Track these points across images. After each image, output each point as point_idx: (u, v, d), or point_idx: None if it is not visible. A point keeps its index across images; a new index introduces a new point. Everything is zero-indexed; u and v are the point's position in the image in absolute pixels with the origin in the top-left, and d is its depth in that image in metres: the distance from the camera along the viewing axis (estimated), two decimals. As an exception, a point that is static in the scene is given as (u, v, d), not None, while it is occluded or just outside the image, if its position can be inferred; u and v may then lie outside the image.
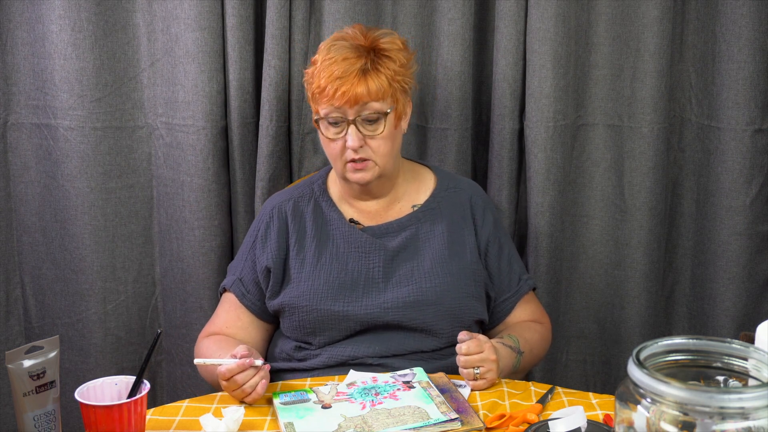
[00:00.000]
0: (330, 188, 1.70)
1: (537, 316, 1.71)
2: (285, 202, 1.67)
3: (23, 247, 1.94)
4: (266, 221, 1.66)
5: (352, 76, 1.53)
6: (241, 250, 1.70)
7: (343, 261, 1.59)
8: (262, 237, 1.65)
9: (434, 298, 1.56)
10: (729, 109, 1.92)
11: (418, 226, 1.64)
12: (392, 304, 1.55)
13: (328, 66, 1.54)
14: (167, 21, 1.84)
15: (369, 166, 1.58)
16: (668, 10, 1.90)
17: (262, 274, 1.62)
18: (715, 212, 1.98)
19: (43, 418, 1.15)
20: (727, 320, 1.99)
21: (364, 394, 1.36)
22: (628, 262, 2.03)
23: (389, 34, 1.62)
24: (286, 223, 1.64)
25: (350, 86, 1.52)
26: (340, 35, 1.61)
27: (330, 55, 1.55)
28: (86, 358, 1.95)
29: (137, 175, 1.93)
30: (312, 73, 1.59)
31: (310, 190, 1.69)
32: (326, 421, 1.28)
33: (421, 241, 1.63)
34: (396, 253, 1.61)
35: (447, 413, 1.27)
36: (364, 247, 1.61)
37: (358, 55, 1.55)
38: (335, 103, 1.53)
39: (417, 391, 1.36)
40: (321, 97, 1.55)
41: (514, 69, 1.91)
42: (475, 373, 1.40)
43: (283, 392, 1.38)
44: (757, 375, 0.95)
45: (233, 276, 1.66)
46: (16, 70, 1.85)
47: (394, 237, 1.63)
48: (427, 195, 1.69)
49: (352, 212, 1.67)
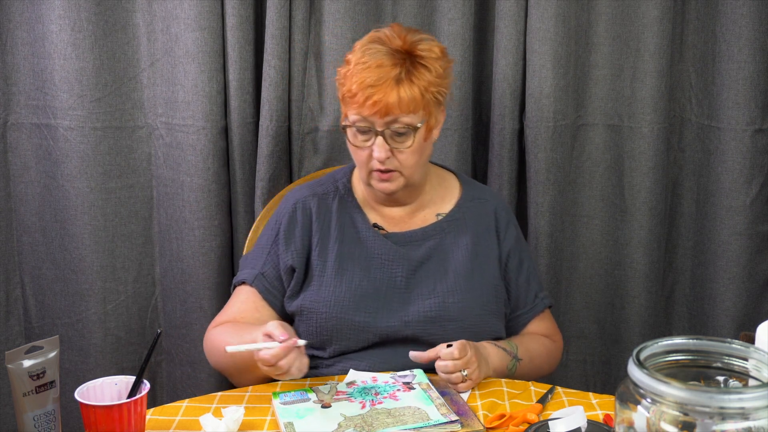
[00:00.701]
0: (355, 188, 1.64)
1: (549, 333, 1.67)
2: (309, 198, 1.61)
3: (23, 247, 1.94)
4: (289, 216, 1.59)
5: (384, 86, 1.46)
6: (259, 243, 1.63)
7: (366, 268, 1.55)
8: (285, 233, 1.58)
9: (456, 314, 1.52)
10: (729, 109, 1.92)
11: (442, 237, 1.60)
12: (413, 317, 1.51)
13: (360, 71, 1.47)
14: (167, 21, 1.84)
15: (395, 176, 1.53)
16: (668, 10, 1.90)
17: (285, 273, 1.57)
18: (715, 212, 1.98)
19: (43, 418, 1.15)
20: (727, 320, 1.99)
21: (364, 394, 1.36)
22: (628, 262, 2.04)
23: (428, 40, 1.53)
24: (311, 220, 1.58)
25: (381, 96, 1.45)
26: (377, 36, 1.53)
27: (364, 59, 1.48)
28: (86, 358, 1.95)
29: (137, 175, 1.93)
30: (344, 74, 1.51)
31: (334, 188, 1.63)
32: (326, 420, 1.28)
33: (445, 252, 1.58)
34: (420, 263, 1.56)
35: (447, 415, 1.27)
36: (387, 255, 1.56)
37: (393, 62, 1.47)
38: (364, 112, 1.47)
39: (417, 393, 1.36)
40: (351, 103, 1.49)
41: (514, 69, 1.91)
42: (463, 375, 1.39)
43: (283, 392, 1.38)
44: (758, 375, 0.95)
45: (253, 270, 1.59)
46: (16, 70, 1.85)
47: (418, 246, 1.58)
48: (452, 204, 1.64)
49: (376, 216, 1.62)
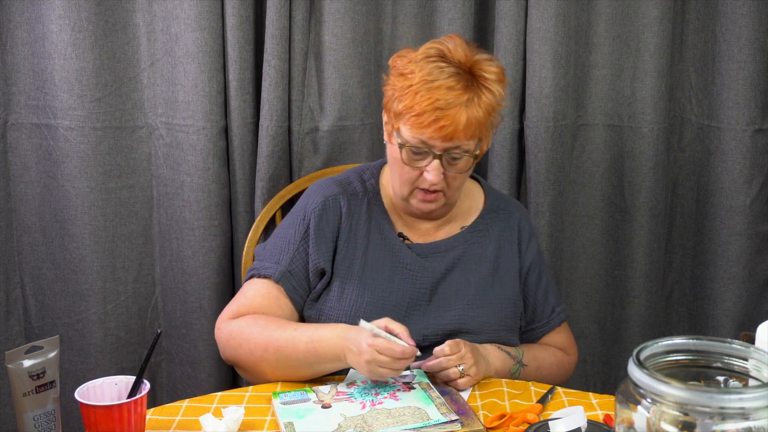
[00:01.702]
0: (383, 192, 1.60)
1: (564, 347, 1.66)
2: (339, 196, 1.56)
3: (23, 247, 1.94)
4: (319, 212, 1.54)
5: (454, 111, 1.40)
6: (284, 235, 1.56)
7: (389, 277, 1.52)
8: (316, 231, 1.53)
9: (475, 327, 1.51)
10: (729, 109, 1.92)
11: (465, 248, 1.58)
12: (432, 330, 1.50)
13: (429, 91, 1.40)
14: (167, 21, 1.84)
15: (438, 197, 1.50)
16: (668, 10, 1.90)
17: (314, 274, 1.53)
18: (715, 212, 1.98)
19: (43, 418, 1.15)
20: (727, 320, 1.99)
21: (364, 394, 1.36)
22: (628, 262, 2.04)
23: (491, 61, 1.48)
24: (340, 220, 1.54)
25: (450, 122, 1.40)
26: (439, 50, 1.45)
27: (432, 78, 1.41)
28: (86, 358, 1.95)
29: (137, 175, 1.93)
30: (402, 88, 1.44)
31: (363, 188, 1.59)
32: (326, 420, 1.28)
33: (467, 264, 1.56)
34: (442, 276, 1.54)
35: (447, 414, 1.27)
36: (411, 266, 1.53)
37: (463, 85, 1.41)
38: (426, 135, 1.41)
39: (417, 392, 1.36)
40: (413, 122, 1.42)
41: (514, 69, 1.91)
42: (459, 370, 1.39)
43: (283, 392, 1.38)
44: (758, 375, 0.95)
45: (279, 265, 1.52)
46: (16, 70, 1.85)
47: (441, 257, 1.56)
48: (476, 214, 1.62)
49: (402, 225, 1.58)
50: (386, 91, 1.51)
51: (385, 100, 1.52)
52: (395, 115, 1.47)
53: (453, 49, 1.45)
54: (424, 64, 1.43)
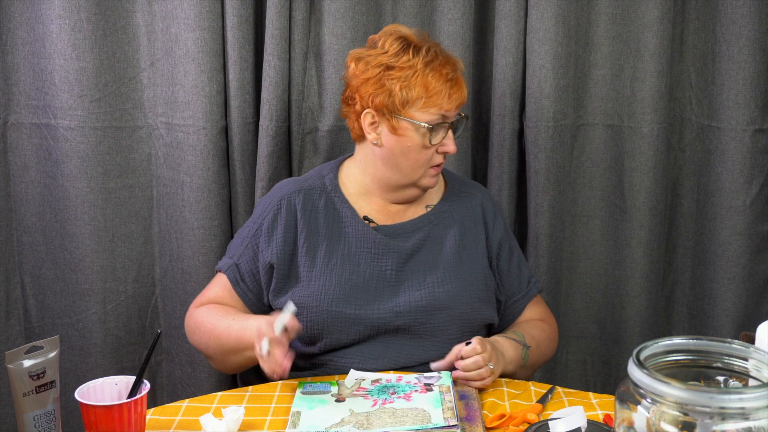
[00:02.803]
0: (343, 183, 1.65)
1: (544, 317, 1.70)
2: (294, 194, 1.61)
3: (23, 247, 1.94)
4: (273, 212, 1.60)
5: (458, 78, 1.56)
6: (241, 233, 1.65)
7: (355, 261, 1.56)
8: (267, 229, 1.60)
9: (447, 302, 1.54)
10: (729, 109, 1.92)
11: (430, 229, 1.62)
12: (404, 308, 1.53)
13: (435, 69, 1.52)
14: (167, 21, 1.84)
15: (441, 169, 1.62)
16: (668, 10, 1.90)
17: (263, 269, 1.59)
18: (715, 212, 1.98)
19: (43, 418, 1.15)
20: (727, 320, 1.99)
21: (381, 392, 1.36)
22: (628, 262, 2.04)
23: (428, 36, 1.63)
24: (295, 217, 1.59)
25: (459, 88, 1.55)
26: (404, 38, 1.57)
27: (429, 59, 1.53)
28: (86, 358, 1.95)
29: (137, 175, 1.93)
30: (403, 77, 1.52)
31: (321, 183, 1.64)
32: (332, 414, 1.28)
33: (433, 244, 1.61)
34: (409, 255, 1.59)
35: (448, 419, 1.26)
36: (377, 247, 1.58)
37: (450, 58, 1.57)
38: (446, 106, 1.53)
39: (432, 395, 1.35)
40: (432, 101, 1.52)
41: (514, 69, 1.91)
42: (490, 368, 1.40)
43: (309, 382, 1.41)
44: (758, 375, 0.95)
45: (230, 260, 1.63)
46: (16, 70, 1.85)
47: (407, 238, 1.60)
48: (439, 196, 1.68)
49: (368, 209, 1.63)
50: (372, 89, 1.54)
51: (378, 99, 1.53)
52: (403, 105, 1.52)
53: (408, 34, 1.57)
54: (408, 52, 1.54)
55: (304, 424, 1.26)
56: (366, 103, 1.55)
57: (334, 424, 1.25)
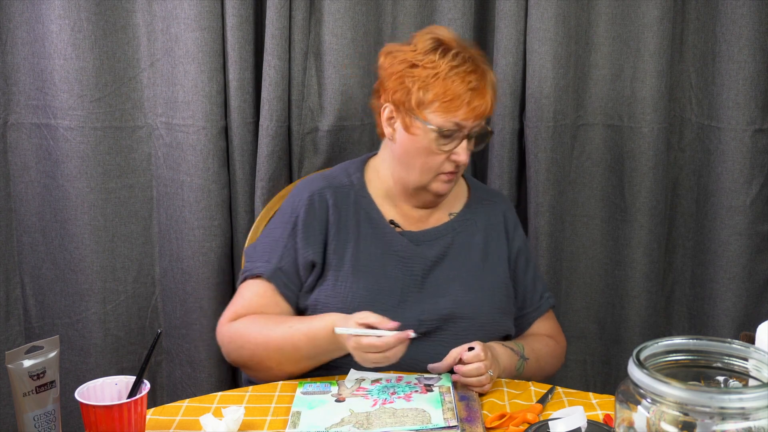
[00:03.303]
0: (369, 183, 1.63)
1: (553, 333, 1.69)
2: (325, 189, 1.58)
3: (23, 247, 1.94)
4: (305, 208, 1.57)
5: (483, 89, 1.50)
6: (272, 234, 1.60)
7: (382, 264, 1.54)
8: (304, 226, 1.55)
9: (469, 312, 1.53)
10: (729, 109, 1.92)
11: (454, 236, 1.61)
12: (428, 316, 1.51)
13: (459, 75, 1.48)
14: (167, 21, 1.84)
15: (456, 177, 1.57)
16: (668, 10, 1.90)
17: (304, 268, 1.55)
18: (715, 212, 1.98)
19: (43, 418, 1.15)
20: (727, 320, 1.99)
21: (381, 392, 1.36)
22: (628, 262, 2.04)
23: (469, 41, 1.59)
24: (327, 212, 1.56)
25: (482, 100, 1.49)
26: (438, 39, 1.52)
27: (456, 63, 1.49)
28: (86, 358, 1.95)
29: (137, 175, 1.93)
30: (425, 77, 1.49)
31: (349, 182, 1.62)
32: (332, 414, 1.29)
33: (457, 251, 1.59)
34: (434, 263, 1.57)
35: (448, 420, 1.27)
36: (403, 252, 1.56)
37: (479, 67, 1.51)
38: (462, 116, 1.48)
39: (432, 395, 1.35)
40: (447, 106, 1.48)
41: (514, 69, 1.91)
42: (490, 375, 1.39)
43: (309, 382, 1.41)
44: (758, 375, 0.95)
45: (269, 264, 1.55)
46: (16, 70, 1.85)
47: (431, 245, 1.59)
48: (462, 203, 1.66)
49: (393, 213, 1.61)
50: (394, 85, 1.53)
51: (396, 94, 1.53)
52: (418, 105, 1.50)
53: (446, 36, 1.53)
54: (438, 54, 1.50)
55: (304, 424, 1.26)
56: (387, 98, 1.55)
57: (334, 424, 1.25)
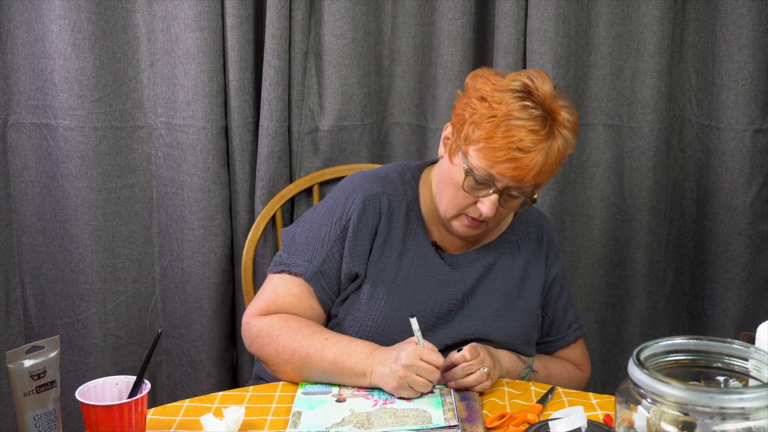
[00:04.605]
0: (421, 197, 1.55)
1: (578, 362, 1.65)
2: (380, 196, 1.50)
3: (23, 247, 1.94)
4: (358, 213, 1.49)
5: (533, 155, 1.36)
6: (317, 231, 1.51)
7: (420, 286, 1.49)
8: (354, 234, 1.48)
9: (498, 338, 1.50)
10: (729, 109, 1.92)
11: (497, 257, 1.56)
12: (454, 339, 1.48)
13: (512, 128, 1.36)
14: (167, 21, 1.84)
15: (482, 226, 1.48)
16: (668, 10, 1.90)
17: (347, 277, 1.49)
18: (715, 212, 1.98)
19: (44, 418, 1.15)
20: (727, 320, 1.99)
21: (381, 392, 1.36)
22: (628, 262, 2.04)
23: (569, 108, 1.42)
24: (379, 220, 1.49)
25: (526, 165, 1.37)
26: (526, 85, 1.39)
27: (518, 115, 1.36)
28: (86, 358, 1.95)
29: (137, 175, 1.93)
30: (483, 114, 1.39)
31: (403, 189, 1.54)
32: (333, 414, 1.28)
33: (496, 274, 1.55)
34: (472, 288, 1.52)
35: (449, 420, 1.27)
36: (443, 276, 1.51)
37: (546, 130, 1.37)
38: (496, 169, 1.38)
39: (433, 396, 1.35)
40: (488, 153, 1.38)
41: (514, 69, 1.91)
42: (484, 371, 1.38)
43: (309, 383, 1.41)
44: (758, 375, 0.95)
45: (310, 264, 1.48)
46: (16, 70, 1.85)
47: (471, 267, 1.54)
48: (506, 223, 1.60)
49: (437, 234, 1.55)
50: (460, 109, 1.46)
51: (456, 118, 1.46)
52: (465, 138, 1.42)
53: (540, 88, 1.40)
54: (511, 97, 1.39)
55: (304, 424, 1.26)
56: (452, 118, 1.49)
57: (335, 424, 1.25)
